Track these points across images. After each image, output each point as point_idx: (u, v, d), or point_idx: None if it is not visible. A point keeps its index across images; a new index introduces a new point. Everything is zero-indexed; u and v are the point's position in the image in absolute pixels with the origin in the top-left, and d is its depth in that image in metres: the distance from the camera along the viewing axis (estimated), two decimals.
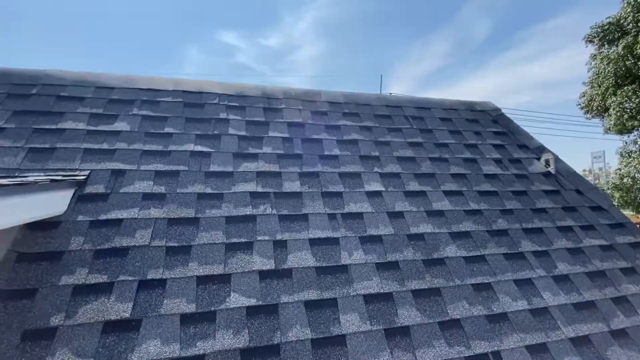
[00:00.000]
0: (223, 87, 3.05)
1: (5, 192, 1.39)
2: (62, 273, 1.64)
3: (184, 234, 1.93)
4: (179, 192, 2.14)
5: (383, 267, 2.02)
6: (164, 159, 2.32)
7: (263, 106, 2.95)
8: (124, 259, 1.75)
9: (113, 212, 1.94)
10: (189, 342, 1.53)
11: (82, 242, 1.77)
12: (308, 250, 2.00)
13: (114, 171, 2.17)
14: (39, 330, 1.47)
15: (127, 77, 2.92)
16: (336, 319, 1.74)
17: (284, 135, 2.72)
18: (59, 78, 2.74)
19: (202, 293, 1.70)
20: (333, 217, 2.21)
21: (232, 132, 2.64)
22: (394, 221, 2.29)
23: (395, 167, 2.70)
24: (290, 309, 1.73)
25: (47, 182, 1.69)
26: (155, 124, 2.56)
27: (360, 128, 2.98)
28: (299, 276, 1.87)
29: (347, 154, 2.69)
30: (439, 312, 1.89)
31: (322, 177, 2.46)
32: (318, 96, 3.20)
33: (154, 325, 1.56)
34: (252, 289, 1.76)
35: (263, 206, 2.17)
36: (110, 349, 1.46)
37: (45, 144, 2.22)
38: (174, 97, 2.84)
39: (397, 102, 3.42)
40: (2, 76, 2.63)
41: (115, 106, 2.61)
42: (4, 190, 1.39)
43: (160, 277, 1.72)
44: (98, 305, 1.57)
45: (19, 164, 2.07)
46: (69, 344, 1.44)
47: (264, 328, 1.63)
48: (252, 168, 2.40)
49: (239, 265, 1.85)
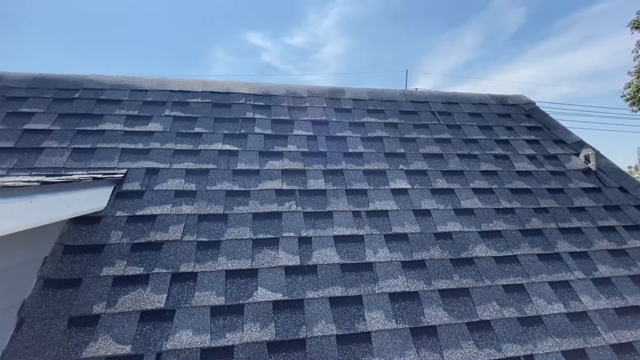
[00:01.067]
0: (249, 87, 3.12)
1: (53, 189, 1.51)
2: (103, 264, 1.76)
3: (213, 229, 2.00)
4: (209, 189, 2.23)
5: (409, 265, 1.99)
6: (194, 157, 2.42)
7: (288, 105, 2.98)
8: (158, 253, 1.85)
9: (148, 208, 2.05)
10: (218, 333, 1.59)
11: (121, 236, 1.89)
12: (333, 247, 2.01)
13: (148, 169, 2.28)
14: (83, 317, 1.58)
15: (159, 80, 3.06)
16: (361, 316, 1.74)
17: (308, 133, 2.74)
18: (98, 82, 2.92)
19: (231, 286, 1.76)
20: (357, 214, 2.20)
21: (258, 131, 2.70)
22: (420, 219, 2.25)
23: (421, 164, 2.65)
24: (316, 305, 1.75)
25: (89, 180, 1.82)
26: (185, 124, 2.66)
27: (385, 125, 2.94)
28: (323, 272, 1.88)
29: (372, 152, 2.67)
30: (467, 312, 1.84)
31: (347, 174, 2.46)
32: (342, 93, 3.19)
33: (186, 316, 1.63)
34: (278, 284, 1.80)
35: (288, 203, 2.21)
36: (147, 336, 1.55)
37: (87, 144, 2.38)
38: (203, 97, 2.95)
39: (423, 98, 3.34)
40: (49, 82, 2.85)
41: (149, 108, 2.75)
42: (53, 188, 1.51)
43: (192, 271, 1.80)
44: (135, 295, 1.67)
45: (65, 163, 2.23)
46: (110, 331, 1.55)
47: (289, 322, 1.67)
48: (278, 166, 2.45)
49: (266, 260, 1.89)
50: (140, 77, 3.08)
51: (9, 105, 2.57)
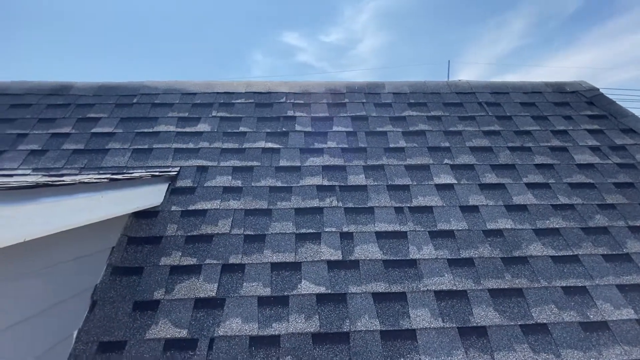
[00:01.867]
0: (289, 86, 3.19)
1: (120, 186, 1.68)
2: (161, 255, 1.91)
3: (258, 223, 2.08)
4: (254, 185, 2.32)
5: (456, 263, 1.92)
6: (240, 155, 2.53)
7: (327, 102, 3.00)
8: (209, 245, 1.97)
9: (199, 204, 2.18)
10: (265, 323, 1.66)
11: (176, 229, 2.04)
12: (375, 243, 1.99)
13: (198, 167, 2.43)
14: (145, 302, 1.74)
15: (206, 83, 3.24)
16: (405, 313, 1.71)
17: (348, 129, 2.74)
18: (153, 88, 3.16)
19: (276, 278, 1.83)
20: (400, 210, 2.16)
21: (298, 128, 2.76)
22: (467, 216, 2.15)
23: (468, 158, 2.52)
24: (359, 300, 1.75)
25: (149, 177, 1.99)
26: (231, 124, 2.79)
27: (428, 118, 2.85)
28: (366, 268, 1.88)
29: (414, 146, 2.60)
30: (521, 314, 1.73)
31: (388, 170, 2.42)
32: (382, 88, 3.14)
33: (236, 305, 1.72)
34: (321, 278, 1.83)
35: (329, 199, 2.23)
36: (201, 322, 1.66)
37: (145, 145, 2.59)
38: (246, 98, 3.07)
39: (469, 88, 3.18)
40: (111, 89, 3.14)
41: (198, 109, 2.92)
42: (120, 184, 1.67)
43: (240, 262, 1.89)
44: (190, 284, 1.80)
45: (126, 162, 2.46)
46: (169, 316, 1.68)
47: (333, 315, 1.69)
48: (318, 162, 2.48)
49: (308, 254, 1.93)
50: (189, 81, 3.28)
51: (78, 111, 2.88)
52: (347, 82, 3.20)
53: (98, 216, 1.51)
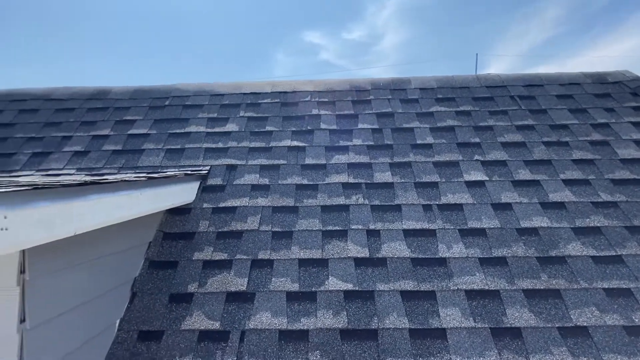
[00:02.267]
0: (314, 85, 3.21)
1: (156, 184, 1.77)
2: (194, 250, 2.00)
3: (286, 220, 2.12)
4: (280, 183, 2.36)
5: (488, 262, 1.86)
6: (267, 154, 2.58)
7: (352, 99, 3.00)
8: (239, 241, 2.03)
9: (229, 201, 2.26)
10: (294, 318, 1.69)
11: (208, 225, 2.11)
12: (402, 240, 1.97)
13: (228, 166, 2.51)
14: (180, 295, 1.82)
15: (234, 84, 3.33)
16: (435, 312, 1.68)
17: (373, 126, 2.72)
18: (184, 90, 3.28)
19: (304, 274, 1.85)
20: (428, 208, 2.13)
21: (323, 126, 2.77)
22: (500, 213, 2.08)
23: (500, 154, 2.43)
24: (387, 297, 1.74)
25: (182, 176, 2.08)
26: (258, 123, 2.86)
27: (457, 113, 2.77)
28: (393, 266, 1.87)
29: (442, 142, 2.54)
30: (558, 316, 1.65)
31: (415, 167, 2.39)
32: (408, 83, 3.09)
33: (265, 299, 1.77)
34: (348, 275, 1.84)
35: (355, 196, 2.23)
36: (232, 315, 1.72)
37: (177, 145, 2.71)
38: (272, 98, 3.12)
39: (500, 82, 3.06)
40: (145, 92, 3.29)
41: (226, 110, 3.01)
42: (156, 182, 1.76)
43: (268, 258, 1.93)
44: (221, 278, 1.86)
45: (160, 162, 2.58)
46: (202, 308, 1.75)
47: (361, 312, 1.69)
48: (343, 160, 2.48)
49: (335, 251, 1.94)
50: (217, 82, 3.38)
51: (116, 114, 3.05)
52: (372, 79, 3.18)
53: (137, 212, 1.60)
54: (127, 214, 1.50)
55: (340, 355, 1.56)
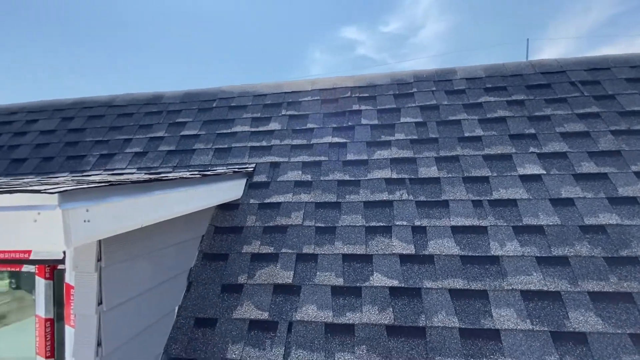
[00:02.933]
0: (354, 80, 3.19)
1: (209, 181, 1.88)
2: (243, 243, 2.09)
3: (328, 216, 2.15)
4: (322, 179, 2.39)
5: (546, 262, 1.73)
6: (308, 151, 2.62)
7: (393, 93, 2.94)
8: (284, 235, 2.09)
9: (274, 197, 2.33)
10: (339, 312, 1.71)
11: (255, 220, 2.21)
12: (450, 237, 1.90)
13: (271, 163, 2.59)
14: (231, 285, 1.92)
15: (275, 84, 3.42)
16: (487, 312, 1.61)
17: (416, 120, 2.64)
18: (229, 92, 3.44)
19: (348, 269, 1.87)
20: (478, 204, 2.02)
21: (364, 122, 2.75)
22: (560, 210, 1.92)
23: (559, 146, 2.25)
24: (434, 295, 1.70)
25: (231, 173, 2.18)
26: (299, 121, 2.91)
27: (509, 103, 2.60)
28: (441, 263, 1.81)
29: (493, 134, 2.40)
30: (631, 322, 1.49)
31: (463, 161, 2.28)
32: (453, 74, 2.96)
33: (310, 293, 1.81)
34: (393, 271, 1.81)
35: (399, 192, 2.19)
36: (280, 306, 1.78)
37: (225, 144, 2.85)
38: (312, 95, 3.15)
39: (558, 67, 2.82)
40: (194, 95, 3.50)
41: (269, 110, 3.10)
42: (209, 179, 1.87)
43: (313, 252, 1.97)
44: (268, 270, 1.94)
45: (210, 160, 2.73)
46: (252, 299, 1.84)
47: (407, 309, 1.67)
48: (386, 155, 2.44)
49: (379, 247, 1.93)
50: (260, 83, 3.49)
51: (169, 117, 3.27)
52: (415, 71, 3.08)
53: (193, 207, 1.72)
54: (184, 208, 1.62)
55: (387, 351, 1.55)
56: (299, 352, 1.61)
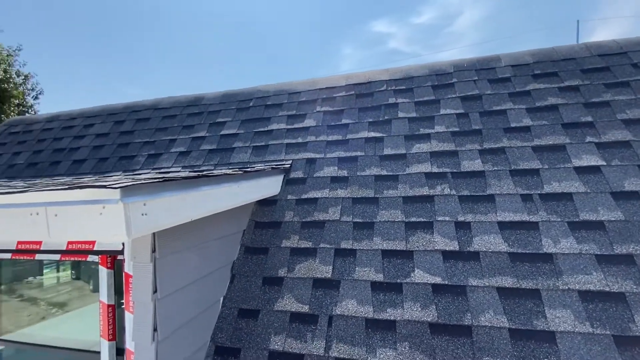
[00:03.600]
0: (389, 73, 3.12)
1: (249, 177, 1.94)
2: (282, 238, 2.14)
3: (366, 211, 2.13)
4: (359, 174, 2.37)
5: (607, 260, 1.59)
6: (344, 146, 2.61)
7: (432, 84, 2.84)
8: (322, 230, 2.11)
9: (310, 193, 2.35)
10: (380, 307, 1.70)
11: (293, 216, 2.24)
12: (497, 233, 1.81)
13: (307, 160, 2.61)
14: (272, 278, 1.97)
15: (309, 81, 3.44)
16: (540, 313, 1.51)
17: (457, 111, 2.53)
18: (264, 91, 3.52)
19: (388, 265, 1.84)
20: (528, 198, 1.90)
21: (401, 115, 2.68)
22: (623, 204, 1.75)
23: (621, 134, 2.04)
24: (481, 293, 1.62)
25: (270, 170, 2.24)
26: (334, 117, 2.91)
27: (561, 90, 2.41)
28: (488, 260, 1.73)
29: (543, 124, 2.24)
30: None
31: (510, 153, 2.15)
32: (497, 61, 2.79)
33: (350, 288, 1.81)
34: (435, 268, 1.76)
35: (440, 187, 2.11)
36: (320, 300, 1.80)
37: (262, 142, 2.92)
38: (347, 91, 3.13)
39: (618, 48, 2.56)
40: (232, 96, 3.62)
41: (304, 107, 3.13)
42: (249, 176, 1.93)
43: (351, 248, 1.97)
44: (307, 265, 1.96)
45: (248, 158, 2.81)
46: (292, 292, 1.87)
47: (452, 307, 1.61)
48: (425, 149, 2.37)
49: (420, 243, 1.88)
50: (294, 81, 3.53)
51: (209, 117, 3.42)
52: (454, 61, 2.95)
53: (236, 202, 1.78)
54: (229, 203, 1.69)
55: (430, 349, 1.51)
56: (340, 346, 1.62)
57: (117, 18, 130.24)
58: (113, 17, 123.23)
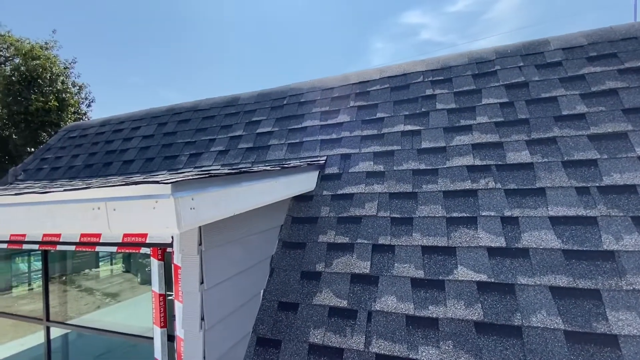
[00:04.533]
0: (426, 64, 3.02)
1: (286, 173, 1.97)
2: (318, 233, 2.16)
3: (404, 206, 2.08)
4: (396, 169, 2.32)
5: None
6: (379, 141, 2.57)
7: (472, 73, 2.70)
8: (358, 226, 2.09)
9: (346, 188, 2.35)
10: (421, 304, 1.65)
11: (328, 211, 2.25)
12: (549, 229, 1.69)
13: (342, 155, 2.61)
14: (310, 273, 2.00)
15: (342, 77, 3.42)
16: (601, 315, 1.39)
17: (501, 100, 2.39)
18: (298, 89, 3.55)
19: (428, 262, 1.79)
20: (584, 191, 1.76)
21: (440, 107, 2.59)
22: None
23: None
24: (531, 292, 1.53)
25: (305, 166, 2.26)
26: (368, 111, 2.87)
27: (620, 72, 2.19)
28: (539, 258, 1.62)
29: (601, 110, 2.05)
30: None
31: (562, 143, 2.00)
32: (545, 45, 2.60)
33: (389, 284, 1.78)
34: (480, 265, 1.68)
35: (484, 180, 2.01)
36: (358, 295, 1.79)
37: (297, 139, 2.95)
38: (381, 84, 3.08)
39: None
40: (266, 95, 3.69)
41: (337, 102, 3.12)
42: (286, 172, 1.97)
43: (389, 243, 1.94)
44: (345, 260, 1.96)
45: (284, 155, 2.86)
46: (330, 286, 1.88)
47: (499, 306, 1.53)
48: (467, 141, 2.27)
49: (463, 239, 1.81)
50: (327, 77, 3.53)
51: (245, 117, 3.51)
52: (496, 47, 2.79)
53: (275, 197, 1.82)
54: (268, 198, 1.73)
55: (476, 349, 1.45)
56: (380, 342, 1.60)
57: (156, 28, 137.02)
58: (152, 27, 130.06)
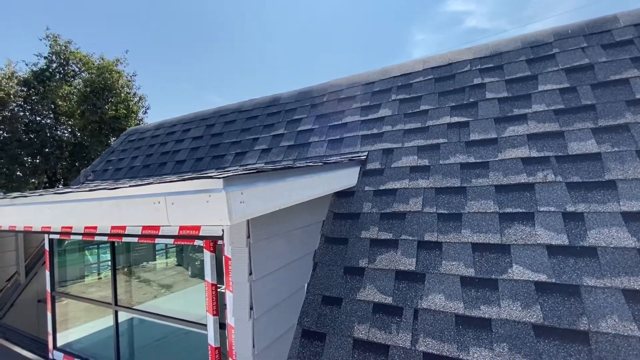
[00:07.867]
0: (473, 52, 2.86)
1: (328, 169, 1.99)
2: (361, 229, 2.14)
3: (452, 202, 1.99)
4: (442, 163, 2.23)
5: None
6: (424, 134, 2.48)
7: (526, 58, 2.50)
8: (402, 222, 2.05)
9: (389, 183, 2.30)
10: (472, 304, 1.57)
11: (371, 207, 2.22)
12: (621, 226, 1.52)
13: (384, 150, 2.56)
14: (353, 268, 1.99)
15: (383, 70, 3.35)
16: None
17: (561, 85, 2.19)
18: (337, 85, 3.55)
19: (479, 260, 1.69)
20: None
21: (489, 96, 2.43)
22: None
23: None
24: (600, 295, 1.39)
25: (347, 162, 2.26)
26: (411, 104, 2.78)
27: None
28: (608, 257, 1.46)
29: None
30: None
31: (636, 130, 1.78)
32: (613, 22, 2.32)
33: (436, 282, 1.72)
34: (539, 264, 1.56)
35: (542, 173, 1.86)
36: (403, 292, 1.75)
37: (337, 135, 2.95)
38: (424, 75, 2.97)
39: None
40: (306, 93, 3.74)
41: (378, 96, 3.07)
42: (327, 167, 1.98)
43: (436, 240, 1.87)
44: (389, 256, 1.93)
45: (324, 152, 2.88)
46: (374, 282, 1.86)
47: (562, 309, 1.41)
48: (521, 131, 2.11)
49: (519, 236, 1.69)
50: (366, 72, 3.49)
51: (287, 115, 3.59)
52: (554, 29, 2.55)
53: (317, 193, 1.84)
54: (311, 193, 1.76)
55: (535, 353, 1.35)
56: (428, 341, 1.55)
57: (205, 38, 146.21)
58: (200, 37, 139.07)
